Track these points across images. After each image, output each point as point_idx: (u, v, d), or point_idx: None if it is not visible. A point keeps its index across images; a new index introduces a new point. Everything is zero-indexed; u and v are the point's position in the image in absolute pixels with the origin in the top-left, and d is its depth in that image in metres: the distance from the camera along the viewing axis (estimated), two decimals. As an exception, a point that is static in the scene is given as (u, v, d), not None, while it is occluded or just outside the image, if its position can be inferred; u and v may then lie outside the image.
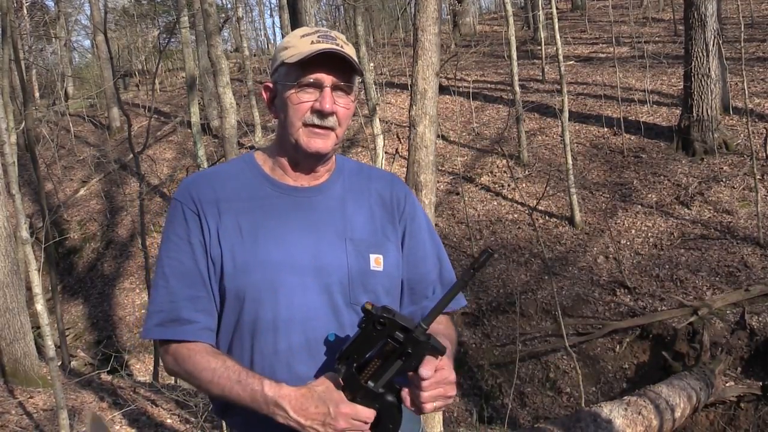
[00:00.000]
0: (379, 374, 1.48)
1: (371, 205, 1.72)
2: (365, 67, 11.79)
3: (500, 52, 18.62)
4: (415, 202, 1.81)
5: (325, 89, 1.58)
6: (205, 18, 7.89)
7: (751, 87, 12.16)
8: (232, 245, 1.60)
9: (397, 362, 1.47)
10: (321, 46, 1.56)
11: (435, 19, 3.91)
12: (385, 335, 1.46)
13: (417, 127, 3.89)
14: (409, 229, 1.75)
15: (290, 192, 1.67)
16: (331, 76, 1.59)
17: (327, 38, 1.60)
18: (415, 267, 1.74)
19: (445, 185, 12.92)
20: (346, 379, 1.48)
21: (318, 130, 1.60)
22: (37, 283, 4.99)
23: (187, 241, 1.62)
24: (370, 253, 1.65)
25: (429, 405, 1.48)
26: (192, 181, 1.69)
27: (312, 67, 1.58)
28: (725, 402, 7.03)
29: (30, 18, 23.09)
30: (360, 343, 1.48)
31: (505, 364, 8.76)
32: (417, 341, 1.46)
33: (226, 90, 6.83)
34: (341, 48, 1.58)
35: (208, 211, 1.62)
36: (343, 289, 1.61)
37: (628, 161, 11.86)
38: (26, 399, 6.24)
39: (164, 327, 1.60)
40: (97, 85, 22.87)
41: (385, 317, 1.45)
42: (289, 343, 1.58)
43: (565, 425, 5.68)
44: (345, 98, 1.62)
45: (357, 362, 1.48)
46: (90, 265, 15.10)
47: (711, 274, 8.72)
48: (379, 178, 1.79)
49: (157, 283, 1.63)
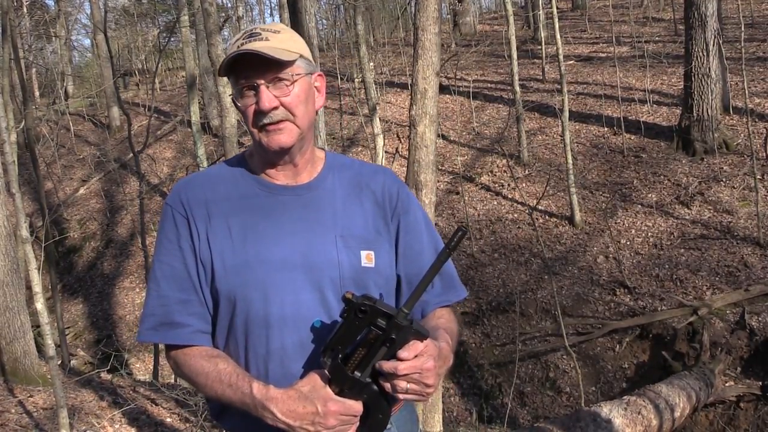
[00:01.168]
0: (365, 363, 1.47)
1: (363, 201, 1.71)
2: (365, 67, 11.78)
3: (500, 51, 18.63)
4: (408, 195, 1.78)
5: (260, 87, 1.57)
6: (205, 17, 7.89)
7: (752, 87, 12.16)
8: (222, 247, 1.60)
9: (382, 349, 1.46)
10: (237, 50, 1.56)
11: (435, 19, 3.91)
12: (368, 323, 1.45)
13: (417, 126, 3.89)
14: (403, 224, 1.73)
15: (280, 191, 1.67)
16: (258, 75, 1.57)
17: (252, 37, 1.58)
18: (412, 261, 1.72)
19: (445, 185, 12.92)
20: (332, 370, 1.47)
21: (272, 127, 1.59)
22: (37, 281, 4.99)
23: (177, 245, 1.63)
24: (362, 249, 1.64)
25: (401, 384, 1.45)
26: (182, 185, 1.70)
27: (242, 71, 1.58)
28: (725, 402, 7.04)
29: (30, 17, 23.10)
30: (343, 334, 1.47)
31: (505, 364, 8.77)
32: (400, 326, 1.44)
33: (226, 89, 6.82)
34: (264, 42, 1.57)
35: (197, 214, 1.63)
36: (335, 286, 1.60)
37: (628, 161, 11.86)
38: (26, 398, 6.24)
39: (157, 330, 1.61)
40: (97, 84, 22.88)
41: (366, 305, 1.45)
42: (282, 342, 1.58)
43: (564, 425, 5.68)
44: (286, 88, 1.59)
45: (342, 353, 1.47)
46: (90, 264, 15.10)
47: (711, 273, 8.72)
48: (370, 174, 1.77)
49: (150, 287, 1.65)
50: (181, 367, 1.62)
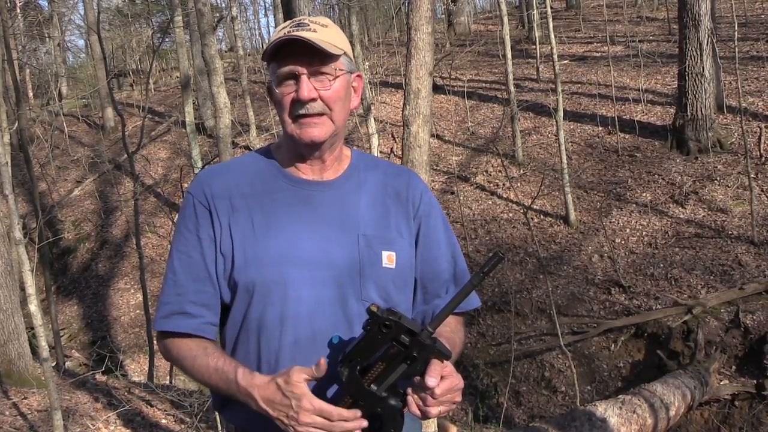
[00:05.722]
0: (383, 378, 1.46)
1: (386, 201, 1.70)
2: (360, 67, 11.78)
3: (495, 51, 18.63)
4: (431, 199, 1.78)
5: (301, 77, 1.56)
6: (198, 17, 7.87)
7: (745, 86, 12.20)
8: (244, 239, 1.60)
9: (402, 366, 1.45)
10: (286, 35, 1.54)
11: (428, 19, 3.91)
12: (390, 338, 1.44)
13: (410, 126, 3.89)
14: (423, 227, 1.73)
15: (304, 186, 1.66)
16: (303, 64, 1.56)
17: (300, 26, 1.57)
18: (429, 265, 1.71)
19: (440, 184, 12.92)
20: (348, 381, 1.46)
21: (307, 119, 1.58)
22: (31, 283, 4.97)
23: (196, 235, 1.62)
24: (383, 249, 1.63)
25: (434, 410, 1.46)
26: (206, 175, 1.69)
27: (285, 59, 1.57)
28: (720, 400, 7.06)
29: (23, 17, 23.01)
30: (364, 346, 1.45)
31: (501, 363, 8.77)
32: (423, 345, 1.43)
33: (220, 90, 6.81)
34: (312, 33, 1.55)
35: (219, 206, 1.62)
36: (354, 284, 1.59)
37: (622, 160, 11.88)
38: (20, 400, 6.22)
39: (169, 319, 1.61)
40: (91, 85, 22.82)
41: (391, 320, 1.43)
42: (296, 337, 1.57)
43: (560, 424, 5.68)
44: (328, 82, 1.58)
45: (361, 365, 1.46)
46: (84, 265, 15.05)
47: (705, 272, 8.74)
48: (395, 174, 1.76)
49: (168, 275, 1.65)
50: (171, 350, 1.63)
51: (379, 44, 23.31)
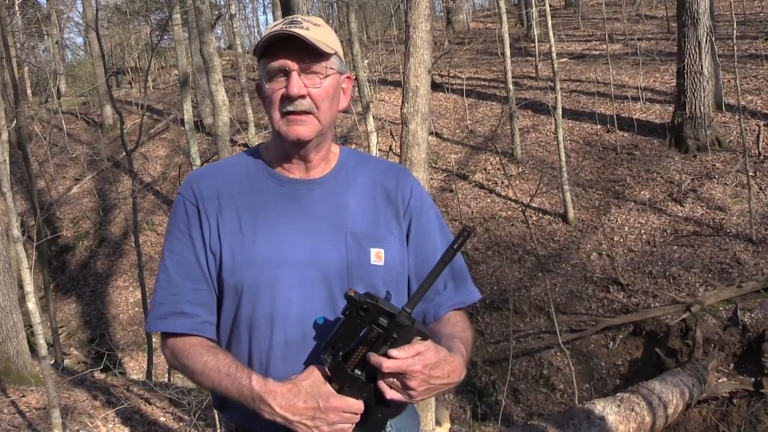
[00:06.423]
0: (366, 362, 1.46)
1: (375, 198, 1.70)
2: (358, 65, 11.77)
3: (494, 49, 18.62)
4: (423, 195, 1.77)
5: (292, 73, 1.56)
6: (197, 15, 7.85)
7: (744, 84, 12.19)
8: (232, 240, 1.60)
9: (384, 348, 1.44)
10: (279, 31, 1.54)
11: (427, 17, 3.91)
12: (369, 321, 1.44)
13: (409, 124, 3.88)
14: (415, 223, 1.72)
15: (292, 185, 1.66)
16: (294, 60, 1.56)
17: (293, 24, 1.57)
18: (424, 262, 1.69)
19: (439, 182, 12.92)
20: (332, 368, 1.46)
21: (294, 116, 1.58)
22: (29, 281, 4.96)
23: (188, 235, 1.63)
24: (371, 247, 1.63)
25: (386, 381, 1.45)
26: (195, 176, 1.69)
27: (277, 55, 1.57)
28: (718, 398, 7.06)
29: (22, 15, 22.96)
30: (344, 331, 1.46)
31: (499, 361, 8.77)
32: (401, 326, 1.43)
33: (218, 87, 6.79)
34: (305, 30, 1.55)
35: (208, 205, 1.62)
36: (342, 283, 1.59)
37: (621, 158, 11.88)
38: (19, 398, 6.22)
39: (165, 320, 1.60)
40: (90, 83, 22.77)
41: (368, 303, 1.43)
42: (286, 337, 1.57)
43: (558, 422, 5.69)
44: (318, 80, 1.58)
45: (342, 350, 1.46)
46: (83, 263, 15.05)
47: (704, 270, 8.75)
48: (384, 171, 1.76)
49: (160, 276, 1.64)
50: (178, 355, 1.60)
51: (377, 42, 23.28)
